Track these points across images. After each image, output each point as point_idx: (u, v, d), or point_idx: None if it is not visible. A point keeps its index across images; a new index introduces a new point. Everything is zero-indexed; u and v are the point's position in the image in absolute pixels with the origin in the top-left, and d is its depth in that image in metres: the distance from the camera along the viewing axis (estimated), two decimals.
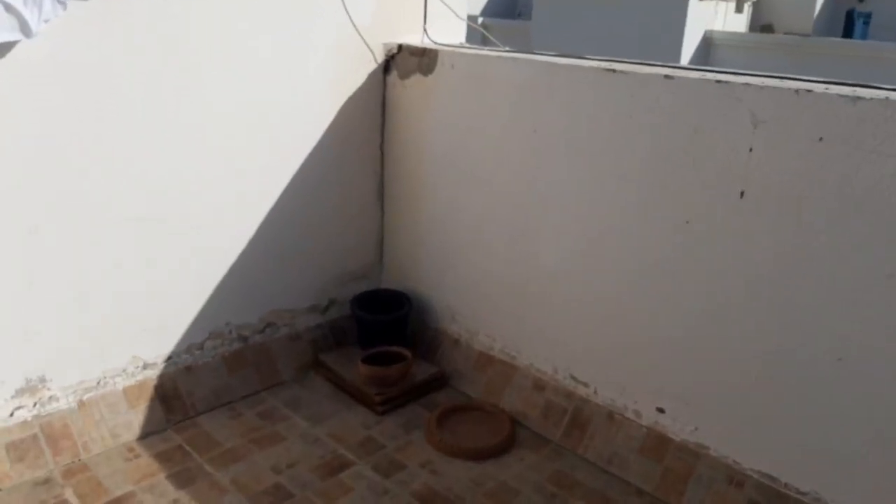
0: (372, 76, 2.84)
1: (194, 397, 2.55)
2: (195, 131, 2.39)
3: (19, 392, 2.22)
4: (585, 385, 2.52)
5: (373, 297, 3.04)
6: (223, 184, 2.51)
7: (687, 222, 2.11)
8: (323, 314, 3.02)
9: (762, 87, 1.89)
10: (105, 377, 2.39)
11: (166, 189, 2.37)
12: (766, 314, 2.00)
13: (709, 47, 7.98)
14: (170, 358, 2.55)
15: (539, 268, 2.55)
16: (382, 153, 3.00)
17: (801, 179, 1.86)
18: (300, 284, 2.90)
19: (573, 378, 2.54)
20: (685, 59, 7.37)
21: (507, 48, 2.80)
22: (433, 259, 2.95)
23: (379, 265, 3.19)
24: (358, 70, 2.79)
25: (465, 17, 3.05)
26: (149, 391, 2.47)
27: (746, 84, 1.91)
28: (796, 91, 1.83)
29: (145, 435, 2.41)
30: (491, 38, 3.07)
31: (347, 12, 2.68)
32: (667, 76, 2.06)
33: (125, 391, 2.42)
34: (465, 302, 2.88)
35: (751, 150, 1.93)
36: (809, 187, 1.85)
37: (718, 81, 1.96)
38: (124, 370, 2.43)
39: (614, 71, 2.17)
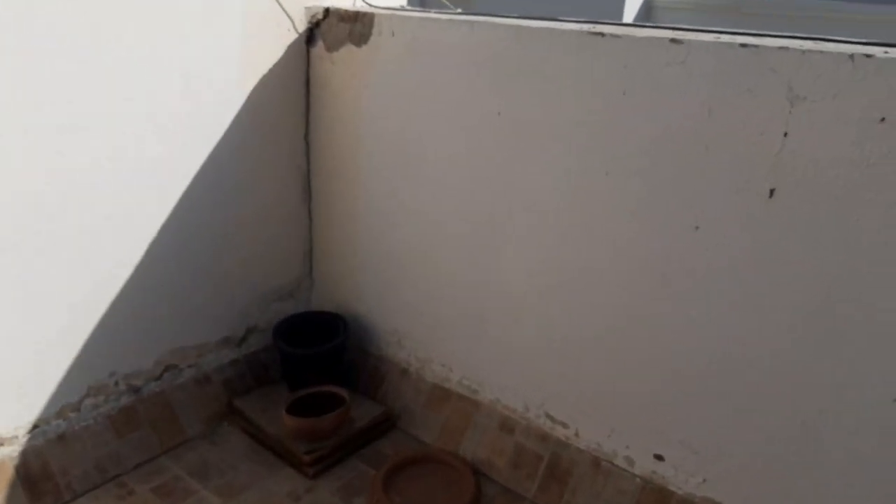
0: (292, 49, 2.32)
1: (70, 475, 1.99)
2: (57, 124, 1.82)
3: None
4: (564, 425, 2.09)
5: (301, 323, 2.53)
6: (101, 192, 1.96)
7: (697, 228, 1.67)
8: (239, 347, 2.50)
9: (804, 53, 1.45)
10: None
11: (21, 199, 1.81)
12: (802, 344, 1.59)
13: (649, 10, 7.64)
14: (35, 427, 1.98)
15: (506, 283, 2.09)
16: (308, 144, 2.49)
17: (855, 174, 1.44)
18: (209, 312, 2.37)
19: (549, 417, 2.11)
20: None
21: (460, 10, 2.30)
22: (374, 272, 2.46)
23: (308, 280, 2.68)
24: (273, 42, 2.27)
25: None
26: (7, 474, 1.89)
27: (782, 49, 1.47)
28: (851, 56, 1.40)
29: None
30: None
31: None
32: (674, 40, 1.61)
33: None
34: (414, 323, 2.40)
35: (786, 135, 1.50)
36: (866, 184, 1.43)
37: (744, 46, 1.51)
38: None
39: (602, 35, 1.70)
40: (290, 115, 2.41)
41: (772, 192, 1.55)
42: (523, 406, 2.18)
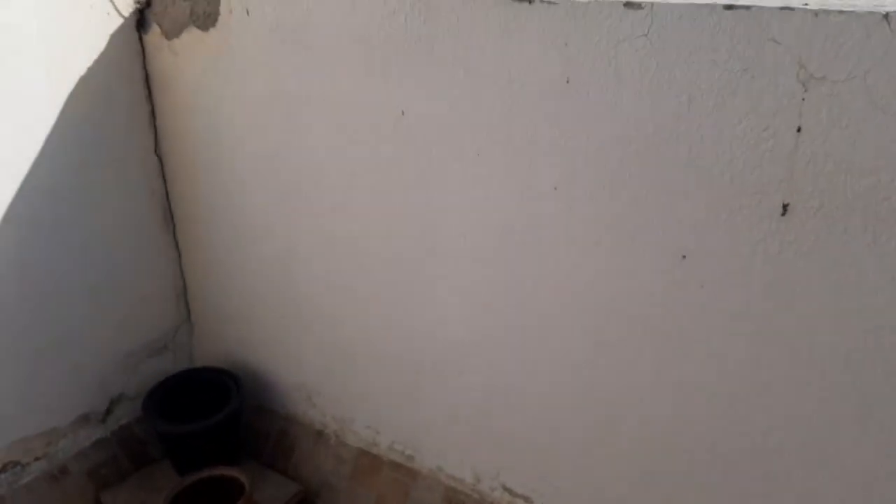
0: (118, 39, 1.86)
1: None
2: None
3: None
4: (527, 500, 1.78)
5: (181, 385, 2.15)
6: None
7: (683, 257, 1.32)
8: (103, 423, 2.11)
9: (817, 15, 1.08)
10: None
11: None
12: (837, 408, 1.26)
13: None
14: None
15: (441, 328, 1.74)
16: (161, 160, 2.03)
17: None
18: (55, 387, 1.97)
19: (506, 489, 1.80)
20: None
21: None
22: (269, 313, 2.07)
23: (186, 327, 2.26)
24: (90, 31, 1.80)
25: None
26: None
27: (786, 10, 1.10)
28: (885, 17, 1.04)
29: None
30: None
31: None
32: (630, 4, 1.22)
33: None
34: (326, 376, 2.05)
35: (799, 130, 1.15)
36: None
37: (730, 7, 1.14)
38: None
39: (530, 0, 1.30)
40: (131, 125, 1.96)
41: (785, 207, 1.20)
42: (473, 476, 1.84)
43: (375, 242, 1.75)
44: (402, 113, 1.55)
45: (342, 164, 1.70)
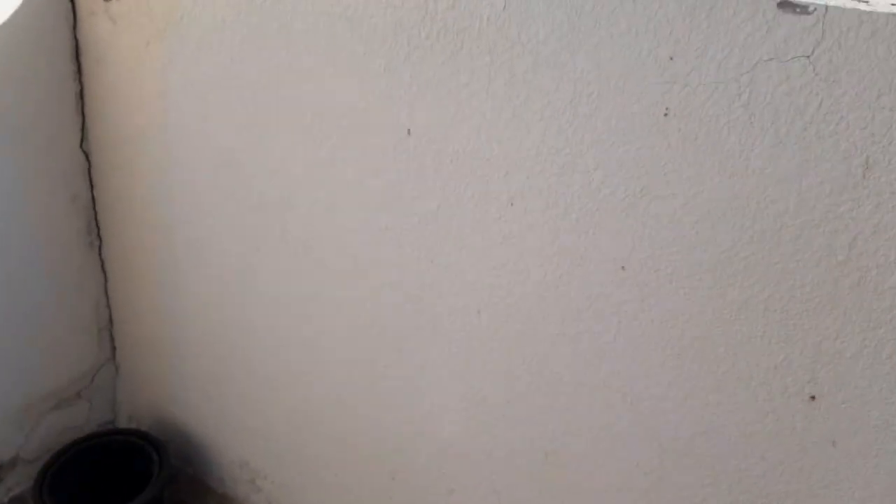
0: (41, 1, 1.40)
1: None
2: None
3: None
4: None
5: (93, 454, 1.71)
6: None
7: (812, 399, 0.91)
8: None
9: None
10: None
11: None
12: None
13: None
14: None
15: (432, 426, 1.32)
16: (88, 157, 1.58)
17: None
18: None
19: None
20: None
21: None
22: (211, 363, 1.65)
23: (109, 368, 1.82)
24: None
25: None
26: None
27: None
28: None
29: None
30: None
31: None
32: (787, 3, 0.76)
33: None
34: (277, 457, 1.63)
35: None
36: None
37: None
38: None
39: None
40: (51, 110, 1.52)
41: None
42: None
43: (354, 300, 1.29)
44: (409, 132, 1.09)
45: (318, 191, 1.24)
